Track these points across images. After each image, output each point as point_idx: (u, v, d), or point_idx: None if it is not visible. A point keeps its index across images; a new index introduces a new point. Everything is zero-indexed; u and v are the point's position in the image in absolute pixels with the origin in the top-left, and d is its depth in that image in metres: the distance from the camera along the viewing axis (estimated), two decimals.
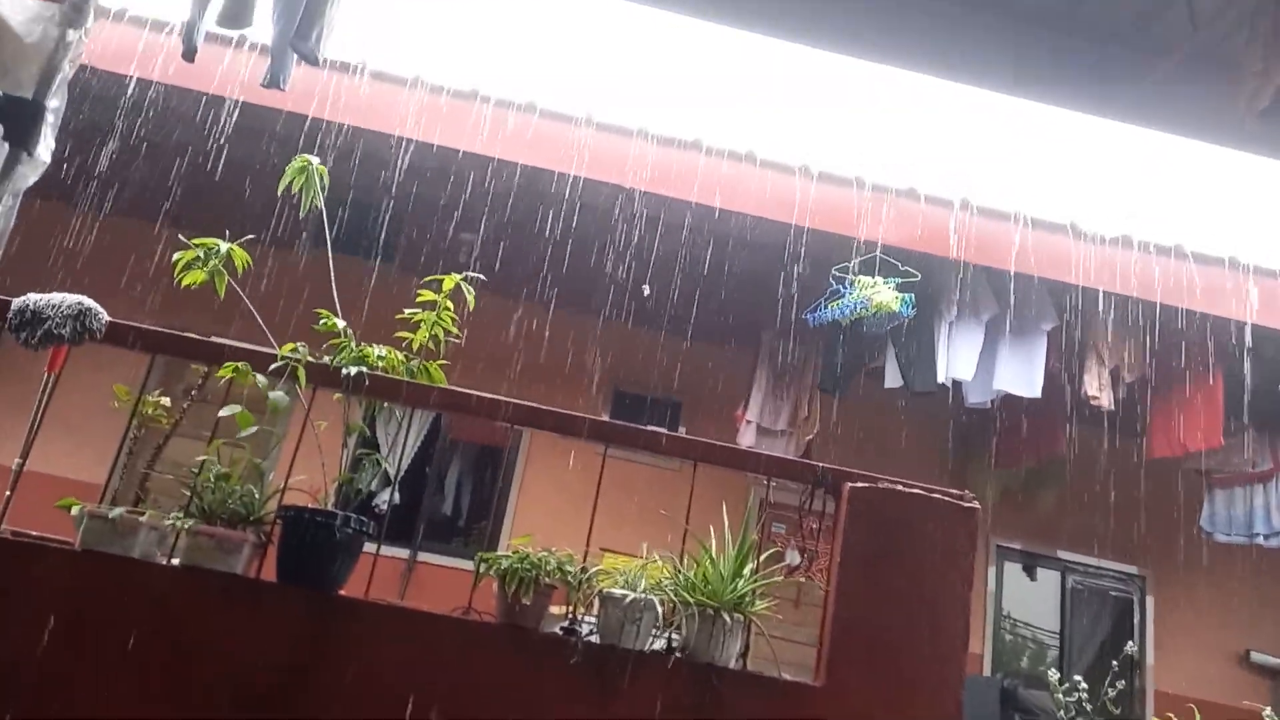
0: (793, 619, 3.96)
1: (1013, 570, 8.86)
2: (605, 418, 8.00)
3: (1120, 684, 3.76)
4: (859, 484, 2.73)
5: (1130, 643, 5.50)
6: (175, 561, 2.57)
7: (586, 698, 2.45)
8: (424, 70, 5.85)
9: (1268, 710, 3.86)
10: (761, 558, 2.76)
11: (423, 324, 3.09)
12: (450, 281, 3.11)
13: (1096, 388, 6.42)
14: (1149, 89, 4.34)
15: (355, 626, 2.50)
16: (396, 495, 7.59)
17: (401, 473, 7.61)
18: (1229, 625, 8.54)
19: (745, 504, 3.27)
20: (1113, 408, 6.53)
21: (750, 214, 5.87)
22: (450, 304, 3.12)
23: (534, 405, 2.88)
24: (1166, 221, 6.42)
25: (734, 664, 2.59)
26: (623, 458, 3.01)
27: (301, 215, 3.32)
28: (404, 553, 7.74)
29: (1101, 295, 6.14)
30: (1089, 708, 3.57)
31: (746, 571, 2.66)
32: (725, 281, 6.74)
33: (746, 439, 7.32)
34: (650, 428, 2.97)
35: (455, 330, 3.11)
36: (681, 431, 8.23)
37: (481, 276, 3.23)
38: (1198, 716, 3.48)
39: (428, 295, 3.12)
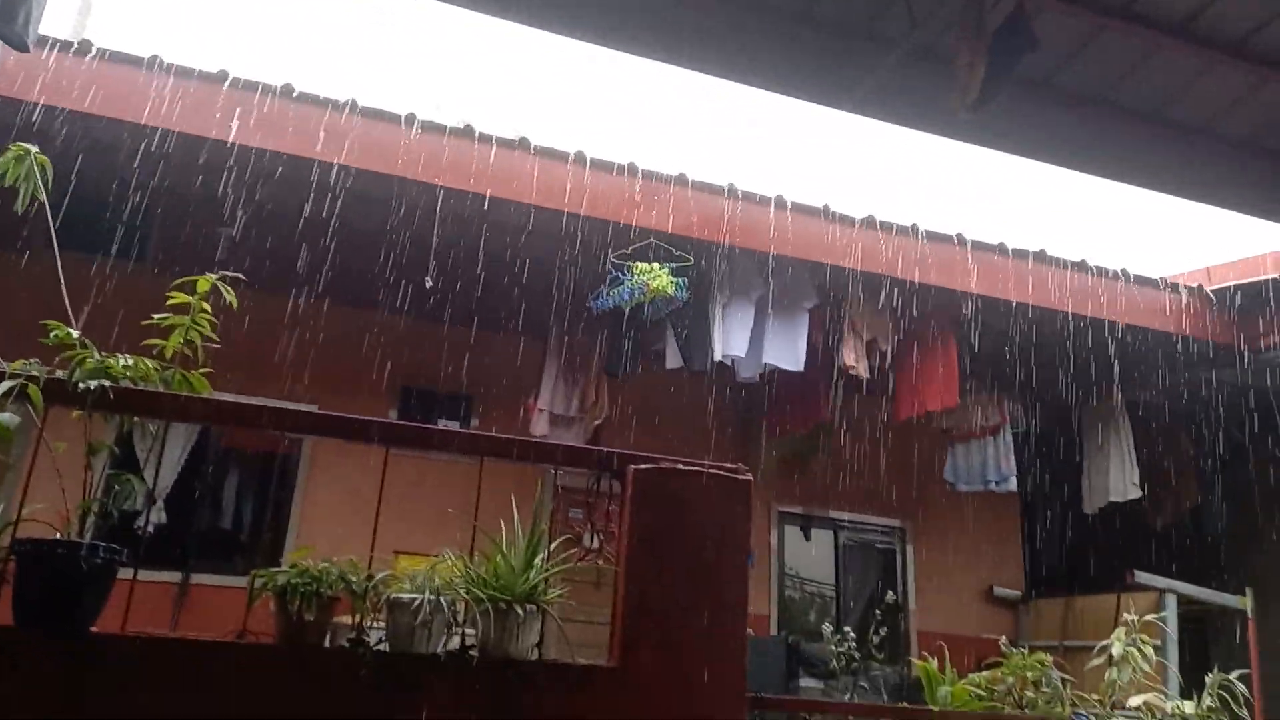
0: (595, 601, 4.02)
1: (792, 533, 9.46)
2: (392, 417, 7.74)
3: (884, 630, 4.14)
4: (642, 466, 2.82)
5: (890, 592, 6.09)
6: None
7: (380, 710, 2.38)
8: (166, 51, 5.36)
9: (1003, 638, 4.39)
10: (553, 545, 2.79)
11: (177, 328, 2.85)
12: (205, 282, 2.88)
13: (854, 359, 7.00)
14: (877, 82, 4.71)
15: (112, 666, 2.27)
16: (163, 514, 6.99)
17: (166, 490, 7.02)
18: (975, 566, 9.60)
19: (542, 494, 3.29)
20: (869, 376, 7.15)
21: (527, 203, 5.87)
22: (207, 305, 2.90)
23: (311, 410, 2.76)
24: (906, 204, 7.07)
25: (531, 655, 2.61)
26: (414, 456, 2.93)
27: (19, 211, 2.94)
28: (176, 576, 7.14)
29: (853, 272, 6.66)
30: (858, 654, 3.92)
31: (538, 561, 2.68)
32: (509, 271, 6.71)
33: (539, 427, 7.34)
34: (440, 425, 2.92)
35: (213, 334, 2.89)
36: (475, 425, 8.13)
37: (241, 275, 3.02)
38: (946, 652, 3.89)
39: (180, 297, 2.88)
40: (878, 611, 5.11)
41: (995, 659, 4.12)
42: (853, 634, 3.94)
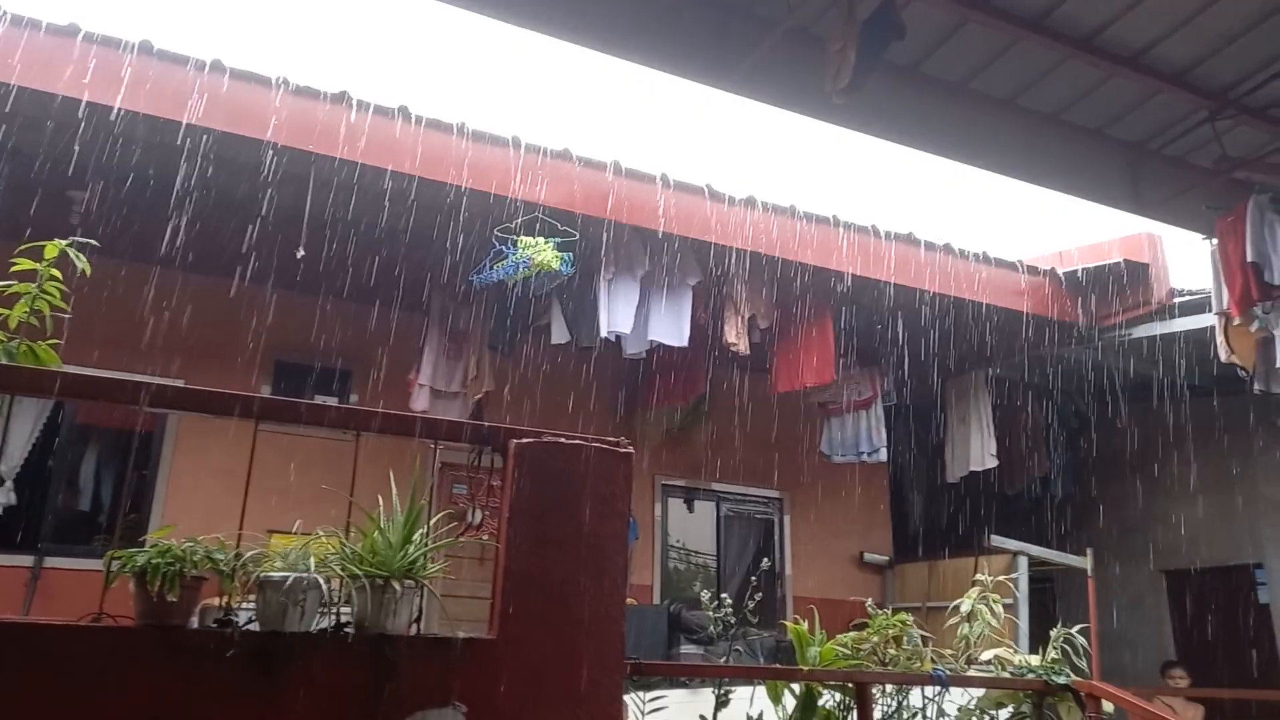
0: (480, 576, 4.03)
1: (675, 505, 9.68)
2: (266, 392, 7.46)
3: (759, 596, 4.30)
4: (523, 440, 2.83)
5: (765, 559, 6.31)
6: None
7: (252, 690, 2.32)
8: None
9: (869, 600, 4.64)
10: (434, 520, 2.77)
11: (23, 297, 2.67)
12: (53, 248, 2.71)
13: (735, 335, 7.17)
14: (756, 63, 4.81)
15: None
16: (11, 495, 6.57)
17: (15, 469, 6.60)
18: (847, 533, 10.04)
19: (420, 470, 3.26)
20: (749, 352, 7.35)
21: (405, 172, 5.72)
22: (57, 273, 2.73)
23: (176, 384, 2.62)
24: (783, 186, 7.25)
25: (410, 630, 2.59)
26: (288, 432, 2.84)
27: None
28: (28, 560, 6.72)
29: (734, 251, 6.81)
30: (734, 619, 4.08)
31: (417, 537, 2.66)
32: (389, 242, 6.54)
33: (420, 403, 7.23)
34: (316, 400, 2.85)
35: (63, 304, 2.72)
36: (354, 400, 7.92)
37: (94, 242, 2.85)
38: (817, 615, 4.08)
39: (25, 264, 2.70)
40: (753, 578, 5.30)
41: (862, 620, 4.34)
42: (730, 600, 4.08)
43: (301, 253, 5.87)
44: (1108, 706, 3.98)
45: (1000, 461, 9.15)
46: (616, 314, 6.64)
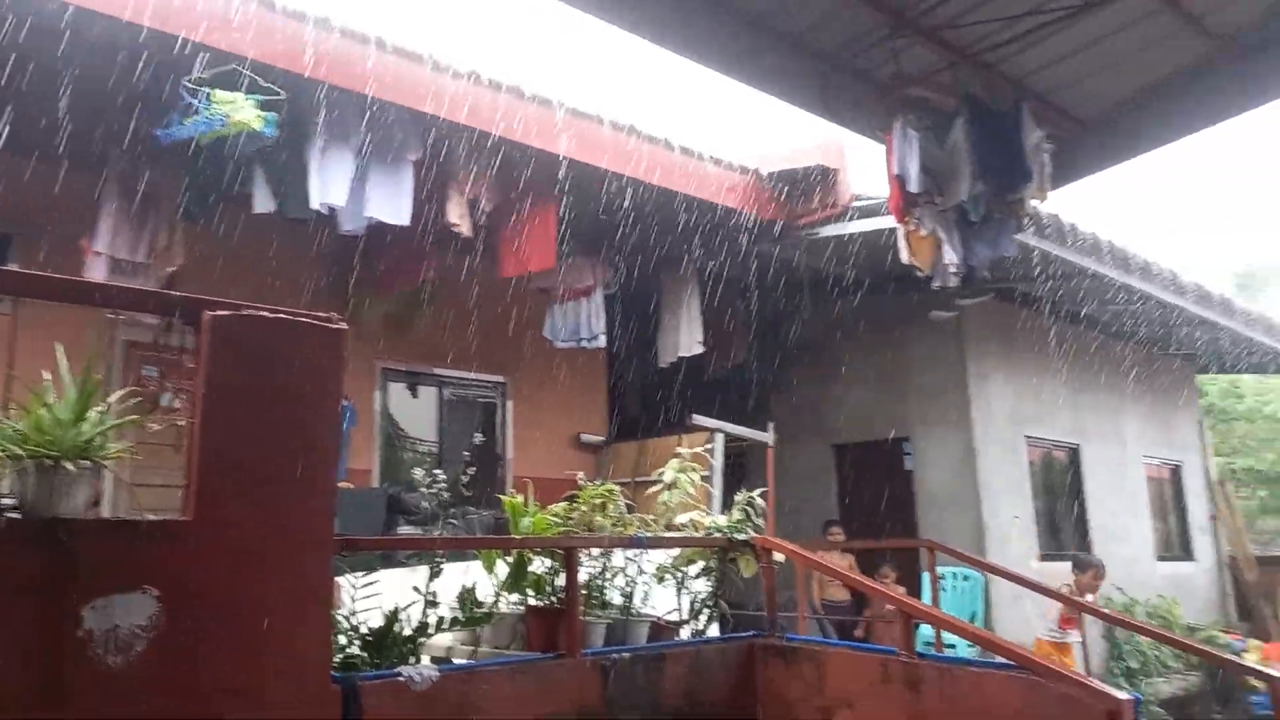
0: (175, 463, 3.74)
1: (397, 390, 9.51)
2: None
3: (473, 470, 4.39)
4: (220, 313, 2.64)
5: (479, 434, 6.43)
6: None
7: None
8: None
9: (580, 474, 4.91)
10: (112, 398, 2.54)
11: None
12: None
13: (458, 216, 7.03)
14: None
15: None
16: None
17: None
18: (567, 415, 10.44)
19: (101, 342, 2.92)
20: (472, 234, 7.25)
21: (72, 1, 4.90)
22: None
23: None
24: (509, 61, 7.06)
25: (88, 514, 2.39)
26: None
27: None
28: None
29: (458, 128, 6.59)
30: (449, 496, 4.16)
31: (94, 415, 2.43)
32: (53, 87, 5.60)
33: (97, 273, 6.40)
34: None
35: None
36: (14, 269, 6.85)
37: None
38: (531, 488, 4.26)
39: None
40: (466, 453, 5.39)
41: (574, 492, 4.60)
42: (444, 476, 4.14)
43: None
44: (779, 557, 4.57)
45: (706, 348, 9.88)
46: (330, 185, 6.23)
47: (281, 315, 2.73)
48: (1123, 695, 2.53)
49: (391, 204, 6.62)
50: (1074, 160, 6.72)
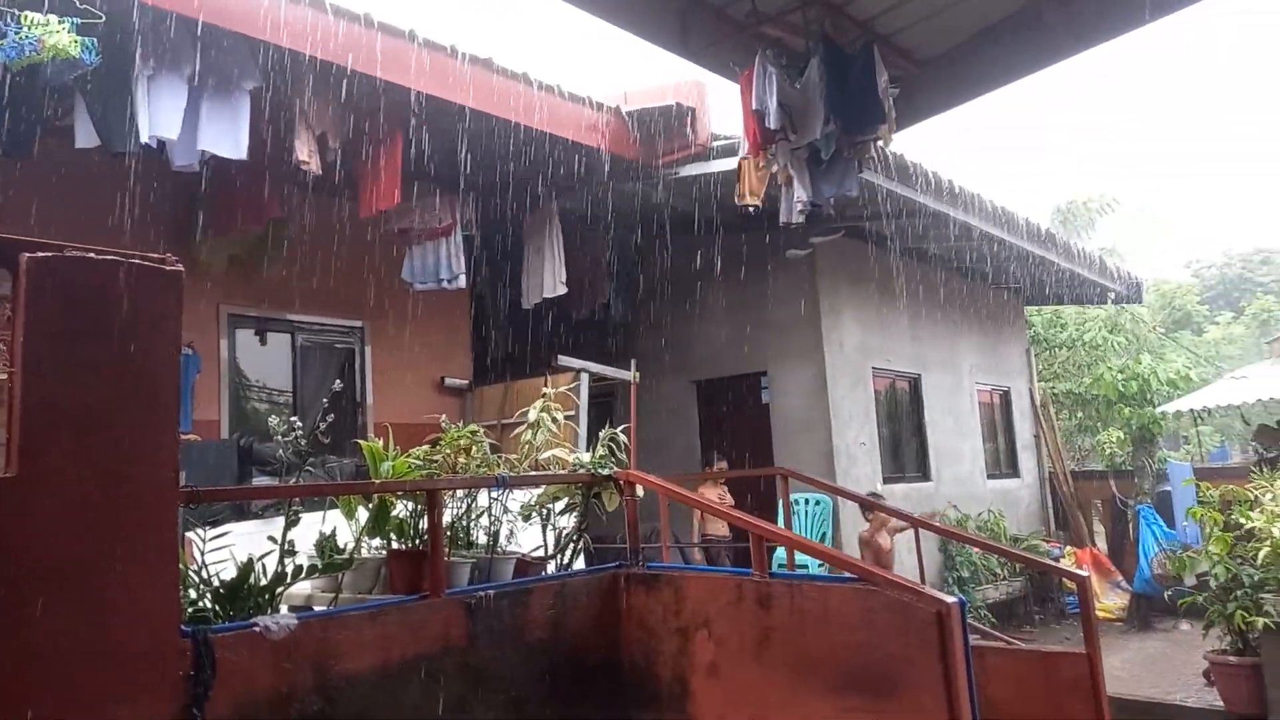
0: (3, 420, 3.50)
1: (245, 336, 9.06)
2: None
3: (331, 417, 4.29)
4: (40, 254, 2.46)
5: (338, 380, 6.25)
6: None
7: None
8: None
9: (443, 417, 4.87)
10: None
11: None
12: None
13: (306, 154, 6.70)
14: None
15: None
16: None
17: None
18: (429, 360, 10.23)
19: None
20: (320, 172, 6.93)
21: None
22: None
23: None
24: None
25: None
26: None
27: None
28: None
29: (300, 58, 6.22)
30: (305, 443, 4.04)
31: None
32: None
33: None
34: None
35: None
36: None
37: None
38: (391, 433, 4.20)
39: None
40: (324, 400, 5.24)
41: (437, 435, 4.56)
42: (300, 424, 4.01)
43: None
44: (641, 490, 4.70)
45: (570, 289, 9.88)
46: (159, 117, 5.79)
47: (110, 256, 2.57)
48: (949, 599, 2.79)
49: (227, 136, 6.22)
50: (916, 102, 7.02)
